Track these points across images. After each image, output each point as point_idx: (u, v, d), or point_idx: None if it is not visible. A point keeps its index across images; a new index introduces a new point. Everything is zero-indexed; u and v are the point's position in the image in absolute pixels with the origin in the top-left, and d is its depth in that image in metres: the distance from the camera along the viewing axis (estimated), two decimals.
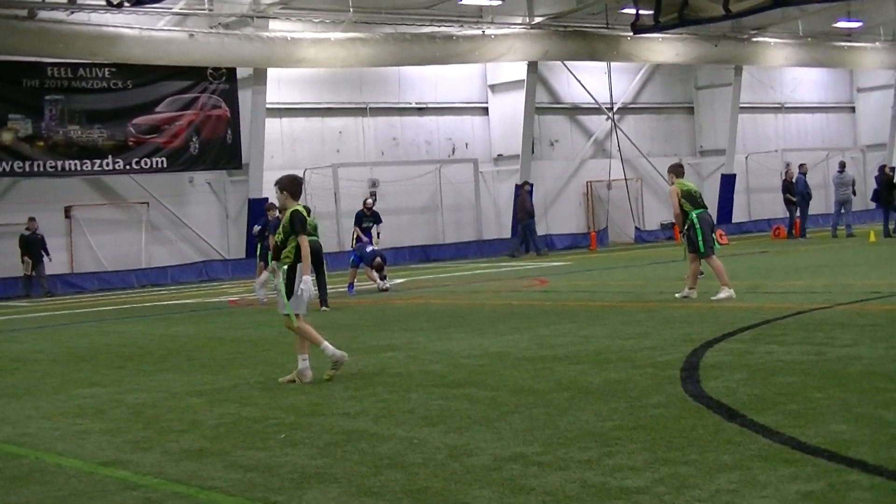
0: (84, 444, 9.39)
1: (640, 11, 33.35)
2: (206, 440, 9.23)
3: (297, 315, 12.08)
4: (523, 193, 40.54)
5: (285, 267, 12.13)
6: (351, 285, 26.11)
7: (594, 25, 41.60)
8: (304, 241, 12.03)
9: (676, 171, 19.66)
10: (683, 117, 49.76)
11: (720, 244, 22.61)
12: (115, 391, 12.45)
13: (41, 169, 33.64)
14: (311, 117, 39.86)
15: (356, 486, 7.40)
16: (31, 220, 32.83)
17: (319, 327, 12.90)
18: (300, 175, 12.52)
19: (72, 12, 32.36)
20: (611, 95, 45.84)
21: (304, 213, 12.30)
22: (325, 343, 12.13)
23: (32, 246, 32.73)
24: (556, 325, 16.37)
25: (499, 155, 43.68)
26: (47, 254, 33.20)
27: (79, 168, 34.29)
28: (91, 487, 7.85)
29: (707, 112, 49.46)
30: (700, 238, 18.86)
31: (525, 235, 40.01)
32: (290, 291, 12.04)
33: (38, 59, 33.23)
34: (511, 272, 30.89)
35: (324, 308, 21.79)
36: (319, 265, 22.54)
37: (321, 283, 22.24)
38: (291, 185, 12.51)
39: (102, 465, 8.51)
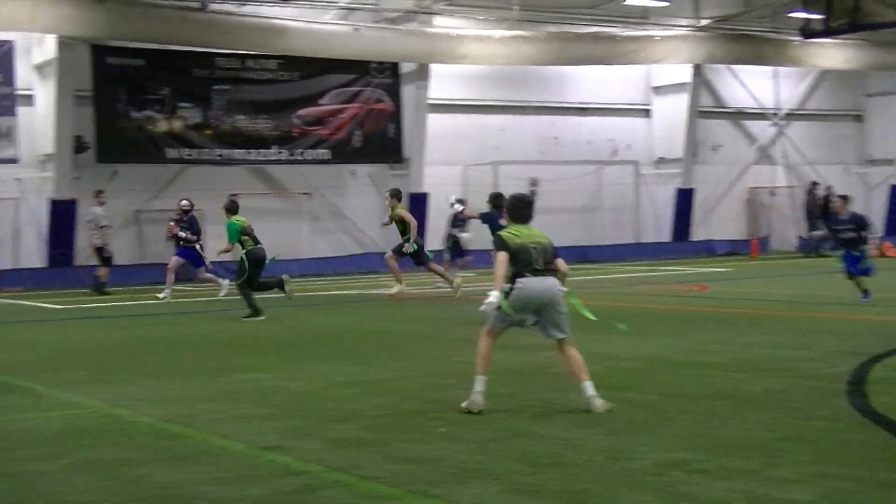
0: (247, 428, 9.55)
1: (810, 15, 32.74)
2: (365, 430, 9.30)
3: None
4: (810, 195, 41.21)
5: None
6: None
7: (761, 29, 40.86)
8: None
9: (397, 195, 24.43)
10: (851, 125, 48.57)
11: (886, 256, 22.46)
12: (277, 377, 12.63)
13: (208, 157, 34.34)
14: (473, 114, 39.92)
15: (515, 483, 7.40)
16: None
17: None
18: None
19: (242, 4, 32.96)
20: (777, 101, 45.01)
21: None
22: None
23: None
24: (716, 331, 16.16)
25: (660, 158, 43.22)
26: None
27: (244, 157, 34.91)
28: (254, 471, 7.97)
29: (878, 120, 48.19)
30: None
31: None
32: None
33: (207, 50, 33.90)
34: (670, 276, 30.57)
35: None
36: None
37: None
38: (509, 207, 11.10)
39: (265, 450, 8.64)
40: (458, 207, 27.51)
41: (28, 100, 32.45)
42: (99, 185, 31.15)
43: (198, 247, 26.50)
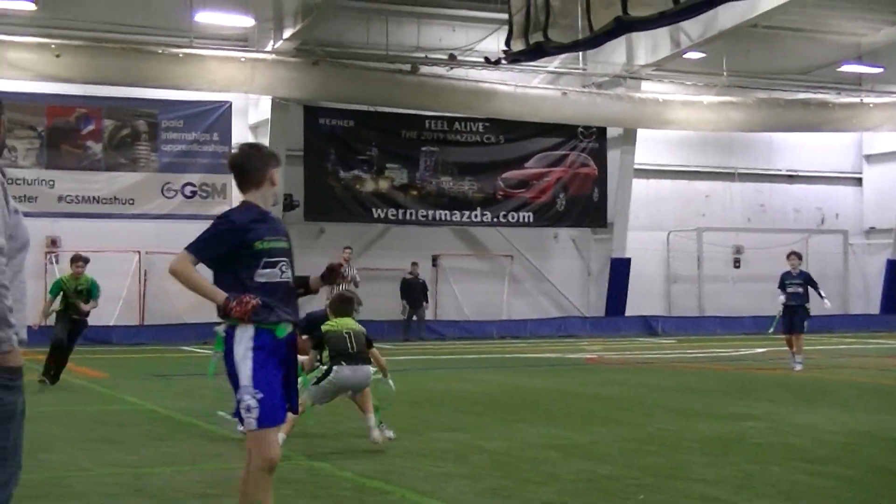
0: (445, 487, 9.60)
1: None
2: (563, 494, 9.26)
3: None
4: None
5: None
6: None
7: None
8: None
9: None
10: None
11: None
12: (474, 437, 12.68)
13: (413, 217, 34.87)
14: (678, 179, 39.65)
15: None
16: (414, 264, 34.17)
17: None
18: None
19: (451, 68, 33.49)
20: None
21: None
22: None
23: (411, 290, 34.02)
24: None
25: (871, 228, 42.17)
26: (426, 299, 34.34)
27: (448, 218, 35.34)
28: None
29: None
30: None
31: None
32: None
33: (417, 112, 34.54)
34: (878, 349, 29.69)
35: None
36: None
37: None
38: None
39: None
40: None
41: None
42: (306, 243, 31.93)
43: None
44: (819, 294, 23.37)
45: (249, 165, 6.98)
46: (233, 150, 6.08)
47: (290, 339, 6.76)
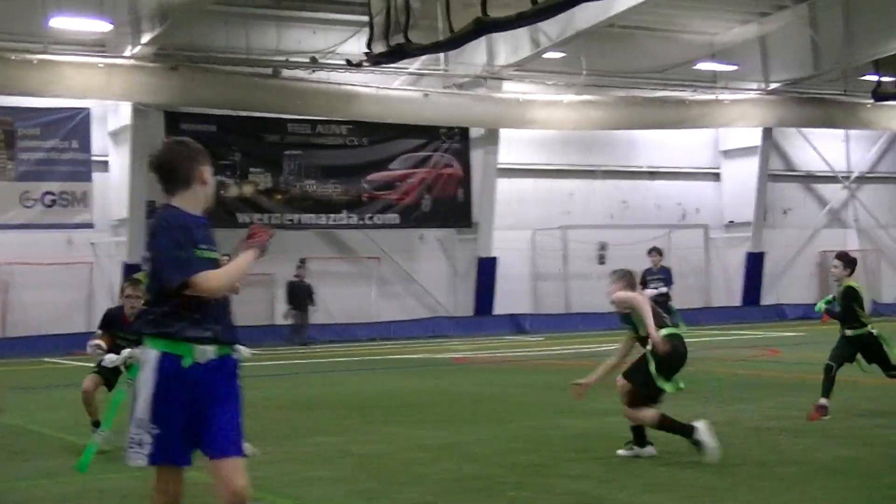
0: (312, 491, 9.60)
1: (882, 78, 32.62)
2: (430, 494, 9.31)
3: None
4: None
5: None
6: None
7: (832, 92, 40.71)
8: None
9: None
10: None
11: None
12: (343, 441, 12.67)
13: (278, 221, 34.67)
14: (542, 178, 40.00)
15: None
16: (299, 267, 33.84)
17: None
18: None
19: (313, 71, 33.39)
20: (848, 164, 44.76)
21: None
22: None
23: (297, 293, 33.67)
24: (784, 396, 16.02)
25: (730, 222, 43.06)
26: (313, 302, 33.95)
27: (314, 222, 35.23)
28: None
29: None
30: None
31: None
32: None
33: (279, 116, 34.35)
34: (740, 341, 30.35)
35: None
36: None
37: None
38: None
39: None
40: None
41: (103, 166, 33.07)
42: None
43: None
44: (662, 290, 22.63)
45: (176, 163, 6.04)
46: (156, 150, 5.59)
47: (218, 365, 5.91)
